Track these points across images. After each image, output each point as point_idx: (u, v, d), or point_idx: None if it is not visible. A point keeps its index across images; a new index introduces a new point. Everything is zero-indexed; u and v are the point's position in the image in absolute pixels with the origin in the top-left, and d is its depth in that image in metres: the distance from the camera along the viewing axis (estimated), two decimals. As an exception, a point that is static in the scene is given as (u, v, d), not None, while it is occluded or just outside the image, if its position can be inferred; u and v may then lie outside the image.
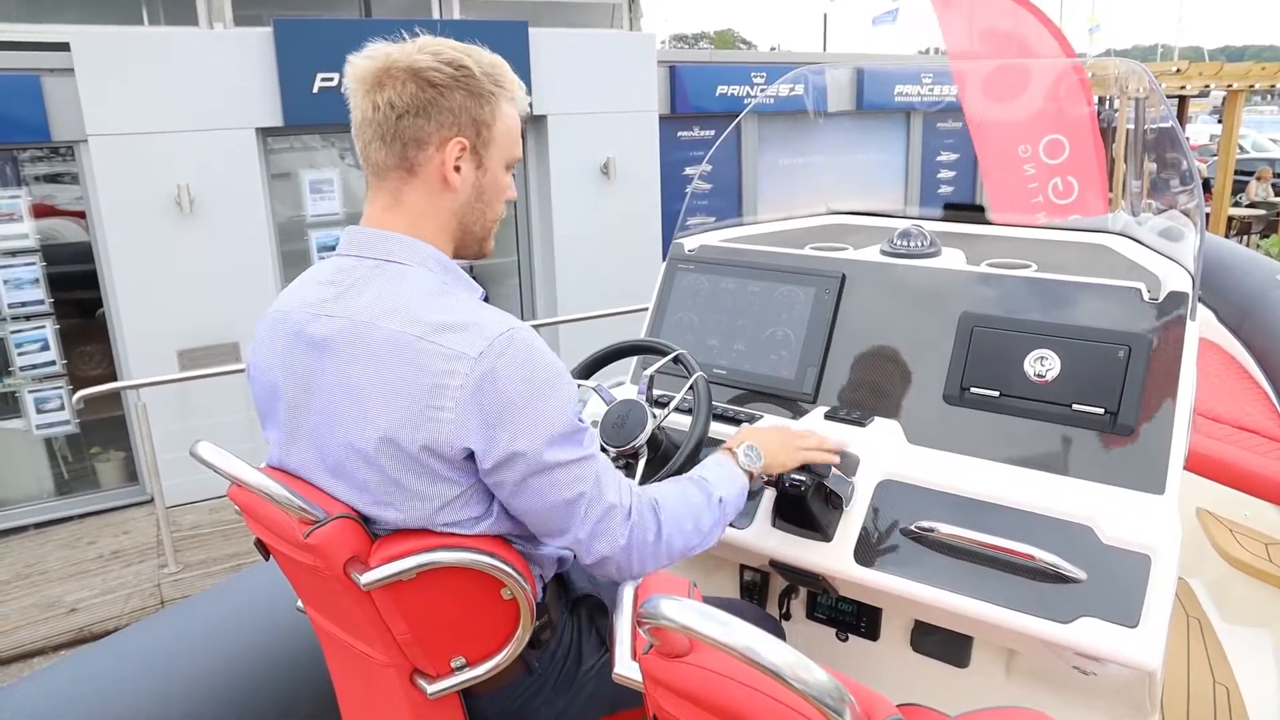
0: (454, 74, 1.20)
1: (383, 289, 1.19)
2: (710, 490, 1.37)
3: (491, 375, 1.10)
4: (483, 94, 1.22)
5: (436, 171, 1.23)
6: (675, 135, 8.37)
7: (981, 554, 1.50)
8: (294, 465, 1.26)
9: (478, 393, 1.10)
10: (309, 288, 1.27)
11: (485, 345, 1.11)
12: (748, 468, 1.47)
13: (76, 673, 1.72)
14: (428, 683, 1.26)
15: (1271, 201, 13.60)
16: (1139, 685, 1.48)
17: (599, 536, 1.20)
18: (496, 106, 1.24)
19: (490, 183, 1.28)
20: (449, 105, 1.20)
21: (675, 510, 1.30)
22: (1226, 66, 11.79)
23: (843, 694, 0.81)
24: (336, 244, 1.32)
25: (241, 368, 5.74)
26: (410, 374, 1.12)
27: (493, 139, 1.25)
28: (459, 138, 1.22)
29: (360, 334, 1.16)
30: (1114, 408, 1.61)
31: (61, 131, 5.71)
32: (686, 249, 2.23)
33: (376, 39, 1.26)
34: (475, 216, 1.29)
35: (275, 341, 1.26)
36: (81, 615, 4.68)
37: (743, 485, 1.45)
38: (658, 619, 0.88)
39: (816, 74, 5.55)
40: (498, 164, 1.28)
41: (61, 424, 6.05)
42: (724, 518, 1.39)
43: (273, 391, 1.27)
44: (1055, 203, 4.62)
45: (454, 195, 1.25)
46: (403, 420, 1.12)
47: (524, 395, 1.12)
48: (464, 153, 1.23)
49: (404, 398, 1.12)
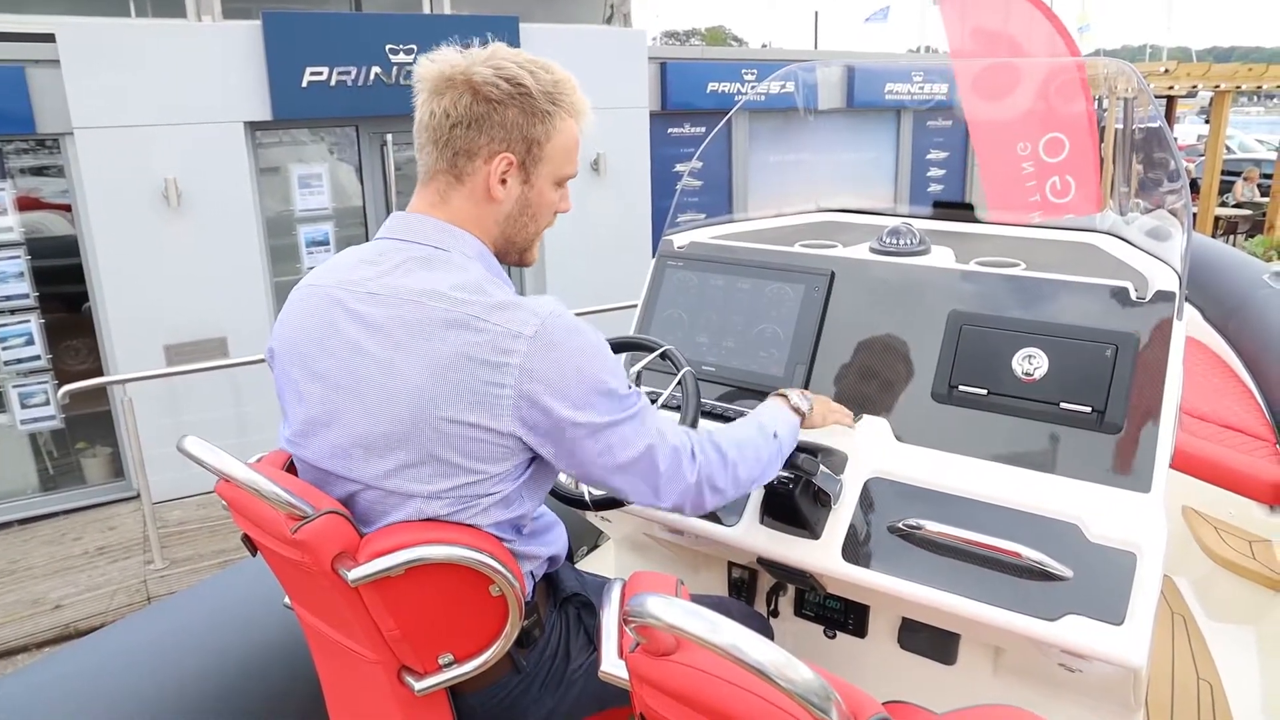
0: (510, 91, 1.22)
1: (429, 272, 1.21)
2: (765, 425, 1.46)
3: (549, 349, 1.15)
4: (537, 112, 1.24)
5: (482, 183, 1.26)
6: (666, 132, 8.37)
7: (969, 552, 1.51)
8: (317, 440, 1.24)
9: (536, 367, 1.14)
10: (349, 266, 1.27)
11: (539, 323, 1.15)
12: (799, 407, 1.56)
13: (61, 670, 1.70)
14: (415, 680, 1.26)
15: (1258, 202, 13.69)
16: (1124, 682, 1.49)
17: (674, 480, 1.28)
18: (551, 125, 1.26)
19: (536, 198, 1.31)
20: (501, 121, 1.23)
21: (736, 441, 1.39)
22: (1214, 67, 11.85)
23: (828, 692, 0.81)
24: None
25: (229, 362, 5.73)
26: (465, 351, 1.14)
27: (543, 157, 1.28)
28: (507, 154, 1.24)
29: (408, 313, 1.18)
30: (1101, 406, 1.62)
31: (47, 124, 5.66)
32: (676, 245, 2.22)
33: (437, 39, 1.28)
34: (518, 229, 1.32)
35: (310, 315, 1.26)
36: (66, 612, 4.66)
37: (795, 423, 1.54)
38: (644, 617, 0.88)
39: (807, 71, 5.55)
40: (546, 181, 1.30)
41: (46, 419, 6.01)
42: (780, 452, 1.48)
43: (300, 363, 1.25)
44: (1052, 201, 4.62)
45: (497, 207, 1.28)
46: (458, 392, 1.14)
47: (579, 365, 1.17)
48: (511, 168, 1.26)
49: (463, 378, 1.14)
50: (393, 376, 1.17)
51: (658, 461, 1.26)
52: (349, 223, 6.86)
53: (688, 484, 1.30)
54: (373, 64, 6.37)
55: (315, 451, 1.25)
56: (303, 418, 1.26)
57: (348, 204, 6.88)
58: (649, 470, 1.26)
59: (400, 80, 6.49)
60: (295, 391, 1.27)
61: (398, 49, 6.40)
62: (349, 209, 6.88)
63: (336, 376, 1.21)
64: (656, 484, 1.27)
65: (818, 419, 1.63)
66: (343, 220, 6.80)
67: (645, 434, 1.24)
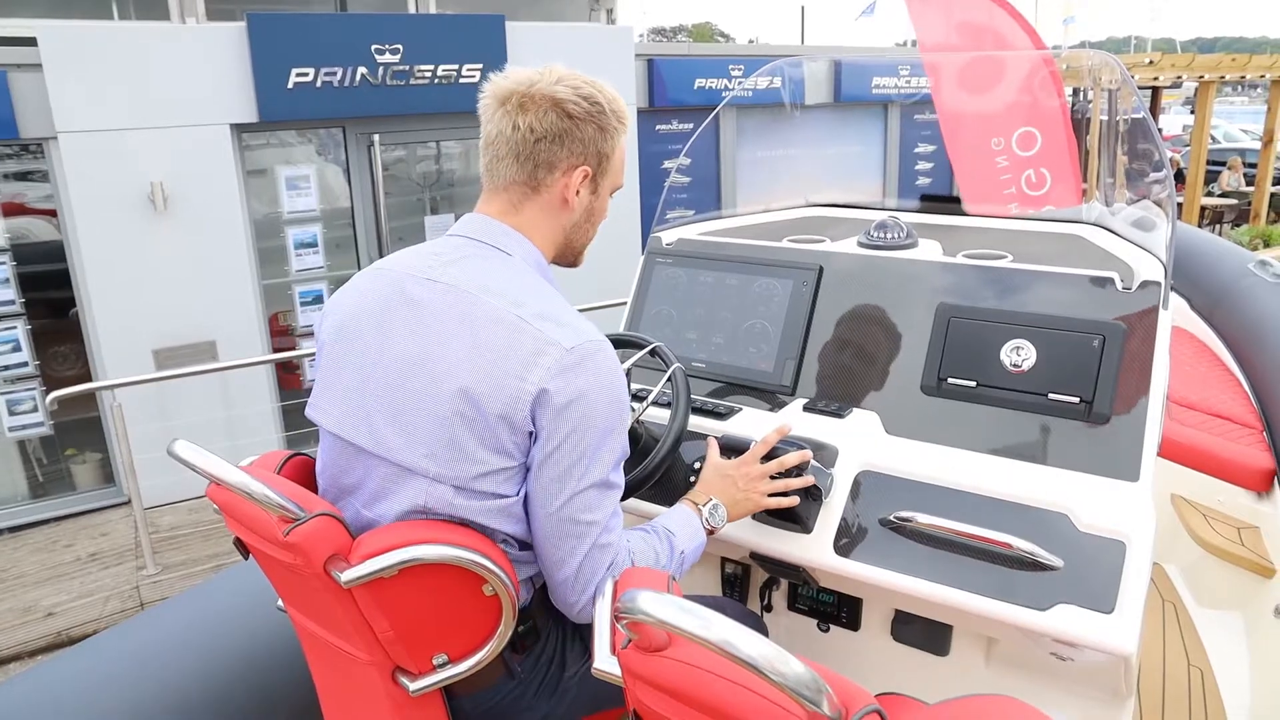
0: (589, 109, 1.31)
1: (490, 269, 1.28)
2: (674, 546, 1.42)
3: (578, 368, 1.19)
4: (609, 129, 1.34)
5: (559, 194, 1.34)
6: (654, 129, 8.36)
7: (960, 543, 1.52)
8: (347, 406, 1.28)
9: (562, 378, 1.18)
10: (418, 254, 1.35)
11: (578, 342, 1.20)
12: (710, 526, 1.51)
13: (54, 677, 1.70)
14: (410, 680, 1.26)
15: (1243, 191, 13.78)
16: (1115, 670, 1.50)
17: (586, 570, 1.25)
18: (616, 140, 1.37)
19: (599, 207, 1.42)
20: (581, 136, 1.32)
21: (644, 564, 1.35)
22: (1198, 58, 11.92)
23: (820, 685, 0.82)
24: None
25: (218, 366, 5.71)
26: (505, 344, 1.19)
27: (610, 169, 1.38)
28: (584, 166, 1.34)
29: (462, 301, 1.24)
30: (1089, 396, 1.63)
31: (30, 128, 5.62)
32: (664, 242, 2.23)
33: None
34: (580, 235, 1.42)
35: (370, 293, 1.32)
36: (59, 619, 4.64)
37: (702, 542, 1.49)
38: (635, 613, 0.89)
39: (793, 66, 5.56)
40: (607, 191, 1.41)
41: (35, 426, 5.97)
42: (680, 571, 1.44)
43: (351, 335, 1.31)
44: (1028, 194, 4.66)
45: (569, 215, 1.37)
46: (488, 383, 1.18)
47: (598, 403, 1.20)
48: (585, 180, 1.35)
49: (495, 363, 1.19)
50: (433, 359, 1.22)
51: (589, 541, 1.24)
52: (337, 224, 6.83)
53: (590, 587, 1.26)
54: (358, 64, 6.34)
55: (339, 417, 1.30)
56: (340, 385, 1.31)
57: (336, 205, 6.85)
58: (573, 542, 1.23)
59: (386, 80, 6.46)
60: (337, 360, 1.32)
61: (383, 49, 6.37)
62: (337, 210, 6.85)
63: (382, 350, 1.27)
64: (572, 563, 1.24)
65: (738, 517, 1.57)
66: (331, 222, 6.77)
67: (602, 508, 1.24)
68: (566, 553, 1.24)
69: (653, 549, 1.38)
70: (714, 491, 1.55)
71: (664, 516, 1.48)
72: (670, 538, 1.43)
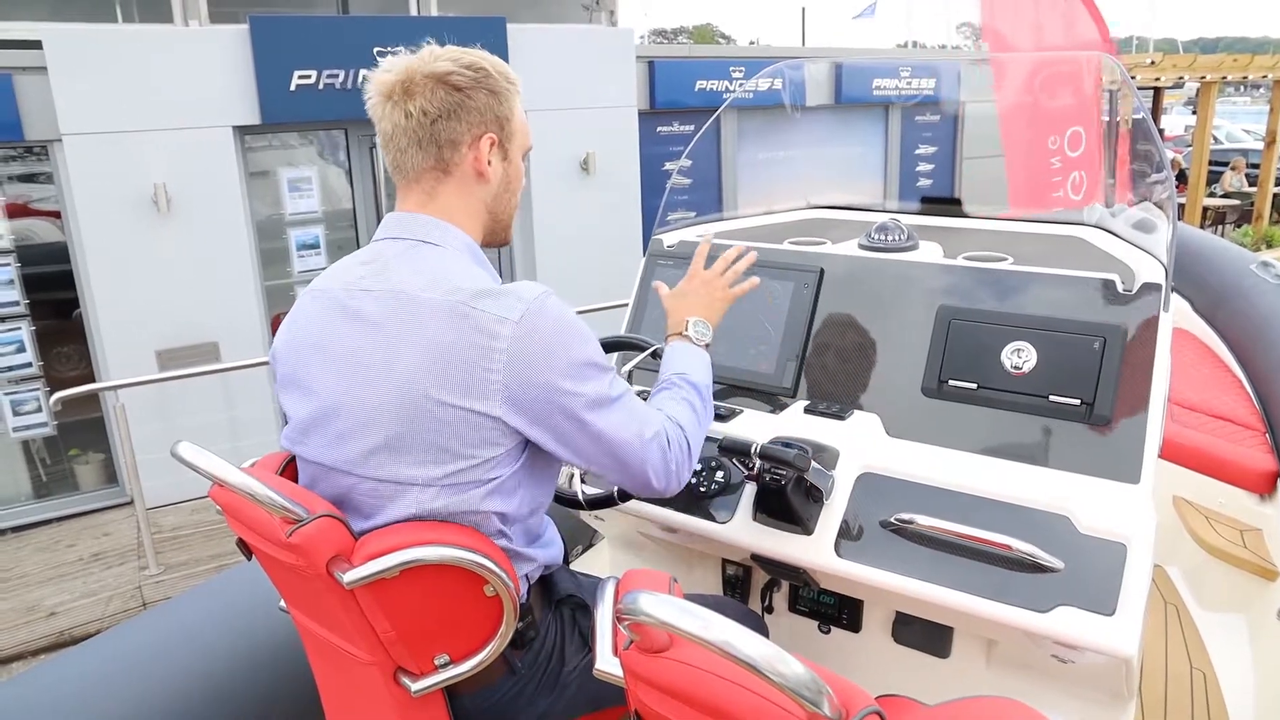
0: (475, 76, 1.29)
1: (419, 264, 1.26)
2: (693, 383, 1.49)
3: (533, 333, 1.20)
4: (500, 91, 1.32)
5: (471, 168, 1.32)
6: (655, 130, 8.36)
7: (960, 545, 1.52)
8: (316, 435, 1.27)
9: (523, 350, 1.18)
10: (347, 268, 1.33)
11: (524, 308, 1.20)
12: (704, 342, 1.58)
13: (57, 677, 1.70)
14: (412, 681, 1.26)
15: (1245, 191, 13.76)
16: (1116, 672, 1.50)
17: (649, 464, 1.31)
18: (512, 102, 1.35)
19: (514, 172, 1.40)
20: (475, 105, 1.30)
21: (691, 423, 1.43)
22: (1200, 58, 11.91)
23: (820, 686, 0.82)
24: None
25: (221, 367, 5.72)
26: (458, 338, 1.18)
27: (513, 131, 1.36)
28: (489, 134, 1.32)
29: (403, 305, 1.22)
30: (1090, 399, 1.63)
31: (35, 130, 5.63)
32: (665, 244, 2.23)
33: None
34: (503, 205, 1.40)
35: (311, 317, 1.32)
36: (61, 619, 4.64)
37: (708, 360, 1.56)
38: (637, 614, 0.89)
39: (794, 69, 5.56)
40: (518, 154, 1.40)
41: (39, 426, 5.98)
42: (710, 399, 1.52)
43: (301, 363, 1.30)
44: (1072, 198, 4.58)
45: (488, 187, 1.36)
46: (453, 382, 1.17)
47: (565, 343, 1.22)
48: (494, 147, 1.34)
49: (453, 362, 1.18)
50: (387, 368, 1.21)
51: (634, 448, 1.29)
52: (339, 226, 6.84)
53: (660, 470, 1.33)
54: (360, 66, 6.34)
55: (315, 447, 1.28)
56: (303, 414, 1.29)
57: (338, 207, 6.87)
58: (623, 455, 1.29)
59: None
60: (296, 390, 1.31)
61: (385, 51, 6.29)
62: (339, 212, 6.87)
63: (335, 372, 1.25)
64: (633, 469, 1.31)
65: (715, 323, 1.63)
66: (333, 223, 6.79)
67: (633, 419, 1.29)
68: (624, 459, 1.29)
69: (683, 400, 1.45)
70: (685, 312, 1.60)
71: (666, 364, 1.54)
72: (685, 378, 1.49)
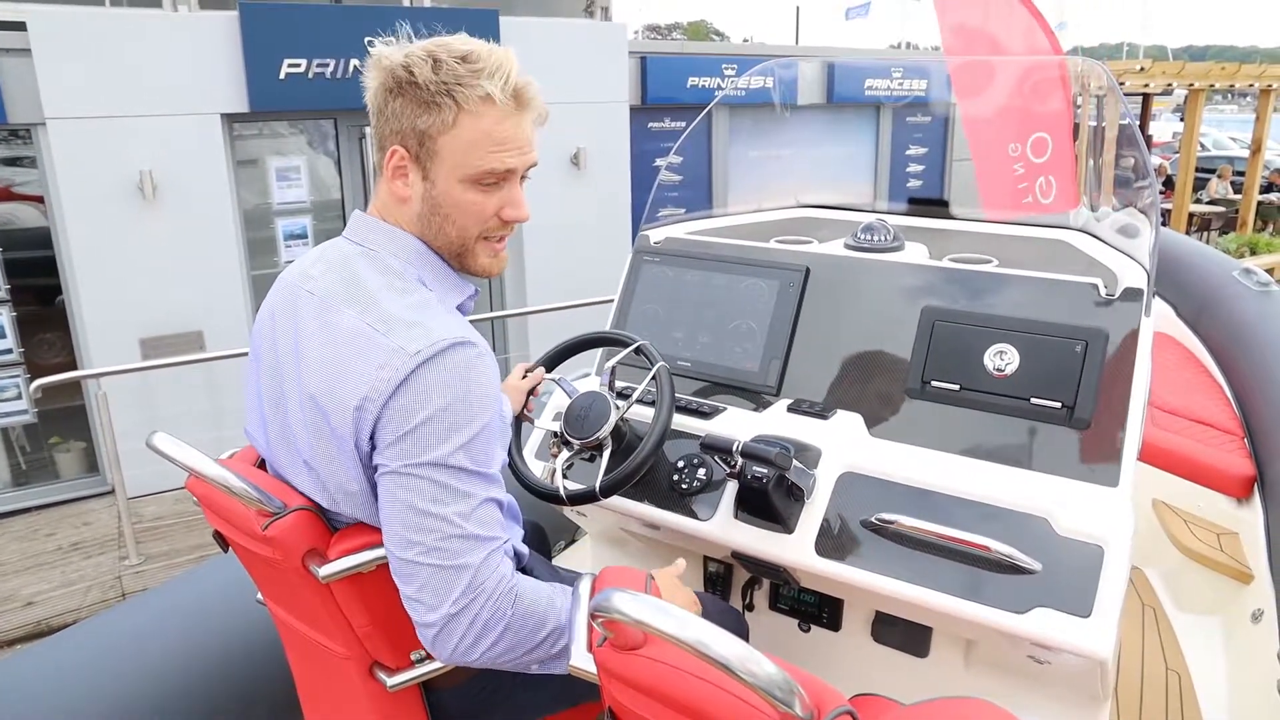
0: (402, 78, 1.13)
1: (350, 274, 1.17)
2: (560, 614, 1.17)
3: (417, 376, 1.06)
4: (423, 103, 1.12)
5: (387, 180, 1.19)
6: (646, 126, 8.35)
7: (940, 545, 1.52)
8: (266, 432, 1.26)
9: (400, 389, 1.06)
10: (309, 261, 1.26)
11: (423, 346, 1.07)
12: None
13: (33, 667, 1.69)
14: (388, 675, 1.26)
15: (1231, 199, 13.86)
16: (1092, 673, 1.51)
17: (429, 587, 1.06)
18: (442, 117, 1.13)
19: (444, 197, 1.17)
20: (390, 112, 1.15)
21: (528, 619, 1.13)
22: (1188, 66, 11.97)
23: (791, 686, 0.82)
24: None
25: (205, 356, 5.68)
26: (358, 366, 1.09)
27: (437, 151, 1.15)
28: (398, 147, 1.16)
29: (327, 316, 1.15)
30: (1070, 401, 1.64)
31: (18, 114, 5.58)
32: (652, 241, 2.23)
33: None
34: (434, 232, 1.20)
35: (275, 310, 1.25)
36: (39, 609, 4.60)
37: None
38: (610, 612, 0.89)
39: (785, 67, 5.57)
40: (449, 179, 1.16)
41: (19, 413, 5.93)
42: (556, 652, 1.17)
43: (257, 354, 1.27)
44: (1041, 202, 4.62)
45: (407, 207, 1.19)
46: (344, 405, 1.10)
47: (440, 408, 1.06)
48: (405, 163, 1.16)
49: (349, 388, 1.10)
50: (310, 372, 1.14)
51: (432, 542, 1.06)
52: (327, 216, 6.81)
53: (442, 609, 1.07)
54: (351, 56, 6.31)
55: (263, 445, 1.28)
56: (254, 407, 1.29)
57: (326, 197, 6.83)
58: (414, 536, 1.06)
59: (379, 72, 6.42)
60: (252, 374, 1.30)
61: (376, 41, 6.34)
62: (327, 202, 6.83)
63: (275, 373, 1.23)
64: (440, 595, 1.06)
65: None
66: (321, 213, 6.75)
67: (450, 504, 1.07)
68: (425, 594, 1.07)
69: (551, 601, 1.16)
70: None
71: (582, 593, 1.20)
72: (562, 599, 1.18)
